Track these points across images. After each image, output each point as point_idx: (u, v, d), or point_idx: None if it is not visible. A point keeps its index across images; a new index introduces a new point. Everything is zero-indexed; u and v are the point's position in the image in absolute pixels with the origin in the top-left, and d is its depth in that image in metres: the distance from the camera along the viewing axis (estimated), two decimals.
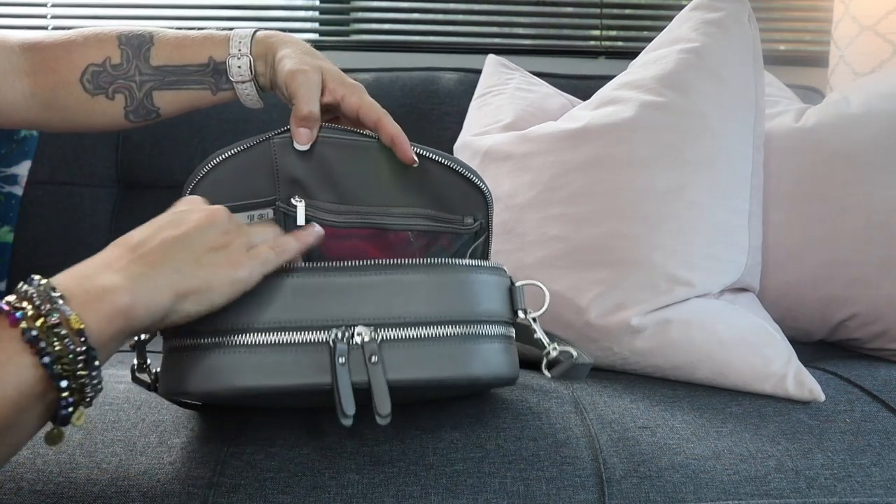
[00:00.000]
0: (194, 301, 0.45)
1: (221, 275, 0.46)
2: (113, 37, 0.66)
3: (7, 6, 1.48)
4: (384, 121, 0.59)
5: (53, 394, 0.40)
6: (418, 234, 0.62)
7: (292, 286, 0.49)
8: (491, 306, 0.53)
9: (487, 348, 0.51)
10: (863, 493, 0.56)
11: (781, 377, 0.67)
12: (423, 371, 0.49)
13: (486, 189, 0.60)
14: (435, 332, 0.50)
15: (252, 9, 1.54)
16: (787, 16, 1.60)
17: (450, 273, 0.51)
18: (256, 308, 0.49)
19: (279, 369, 0.48)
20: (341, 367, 0.47)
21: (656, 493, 0.55)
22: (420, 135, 1.16)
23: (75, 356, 0.39)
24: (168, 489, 0.53)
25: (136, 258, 0.44)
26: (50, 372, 0.39)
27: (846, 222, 0.81)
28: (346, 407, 0.47)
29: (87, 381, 0.40)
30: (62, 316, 0.39)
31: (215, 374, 0.48)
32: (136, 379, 0.55)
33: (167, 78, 0.66)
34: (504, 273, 0.56)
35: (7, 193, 1.08)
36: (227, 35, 0.66)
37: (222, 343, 0.49)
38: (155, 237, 0.46)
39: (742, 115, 0.79)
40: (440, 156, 0.60)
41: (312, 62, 0.62)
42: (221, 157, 0.60)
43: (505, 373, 0.52)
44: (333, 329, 0.49)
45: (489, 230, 0.62)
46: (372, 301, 0.49)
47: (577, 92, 1.12)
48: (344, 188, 0.61)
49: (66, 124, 0.68)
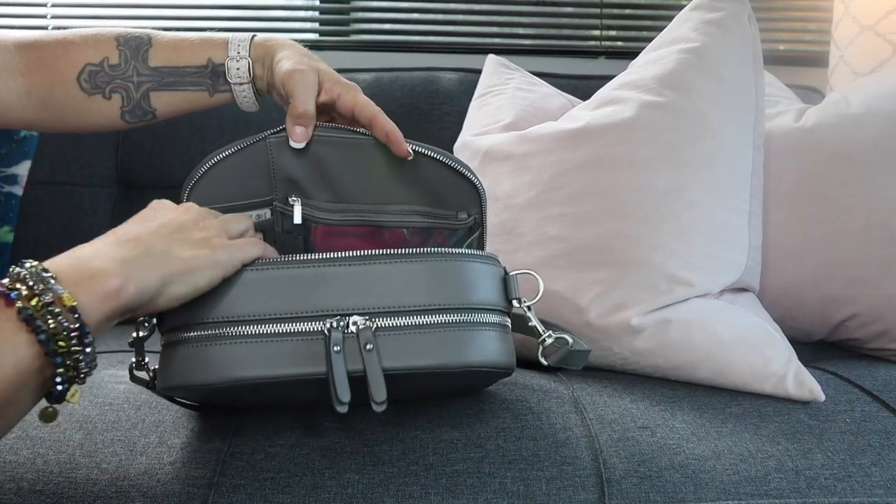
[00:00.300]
0: (180, 282, 0.48)
1: (203, 257, 0.49)
2: (111, 37, 0.66)
3: (7, 6, 1.48)
4: (378, 118, 0.60)
5: (49, 370, 0.41)
6: (413, 232, 0.62)
7: (287, 276, 0.50)
8: (485, 295, 0.53)
9: (483, 335, 0.52)
10: (863, 493, 0.56)
11: (781, 377, 0.67)
12: (418, 358, 0.49)
13: (478, 183, 0.61)
14: (430, 319, 0.50)
15: (252, 9, 1.54)
16: (787, 16, 1.60)
17: (443, 261, 0.52)
18: (251, 298, 0.50)
19: (276, 359, 0.49)
20: (336, 355, 0.48)
21: (656, 493, 0.55)
22: (420, 135, 1.16)
23: (69, 333, 0.41)
24: (168, 489, 0.53)
25: (124, 243, 0.47)
26: (46, 349, 0.40)
27: (846, 222, 0.81)
28: (340, 394, 0.47)
29: (81, 356, 0.42)
30: (55, 295, 0.41)
31: (212, 366, 0.49)
32: (135, 377, 0.55)
33: (165, 79, 0.67)
34: (498, 262, 0.56)
35: (7, 193, 1.08)
36: (226, 38, 0.67)
37: (218, 335, 0.49)
38: (139, 227, 0.49)
39: (742, 115, 0.79)
40: (433, 151, 0.60)
41: (309, 63, 0.63)
42: (217, 158, 0.60)
43: (500, 360, 0.53)
44: (328, 318, 0.49)
45: (483, 225, 0.63)
46: (366, 290, 0.50)
47: (577, 92, 1.12)
48: (339, 187, 0.61)
49: (62, 124, 0.68)
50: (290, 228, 0.62)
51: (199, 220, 0.51)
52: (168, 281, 0.47)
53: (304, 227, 0.62)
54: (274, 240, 0.63)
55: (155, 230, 0.49)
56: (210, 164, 0.60)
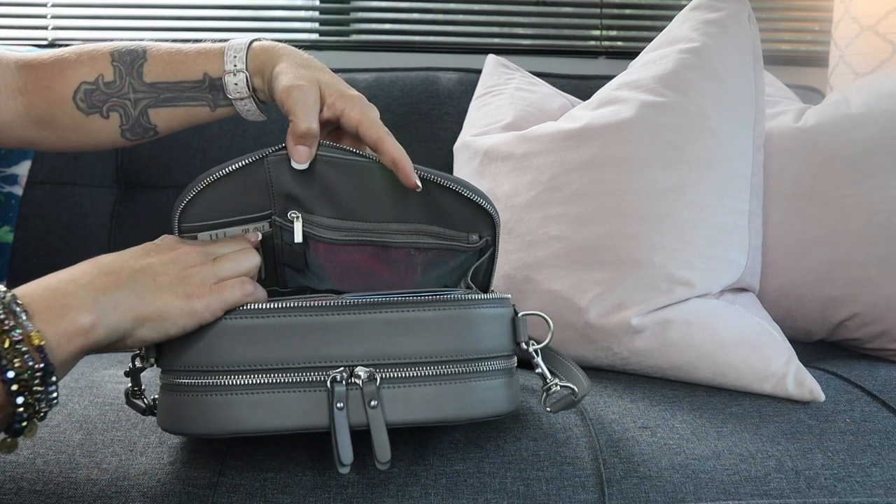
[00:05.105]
0: (149, 328, 0.47)
1: (177, 306, 0.48)
2: (106, 53, 0.64)
3: (7, 17, 1.48)
4: (385, 142, 0.56)
5: (10, 408, 0.41)
6: (420, 251, 0.60)
7: (289, 324, 0.49)
8: (493, 342, 0.52)
9: (489, 385, 0.51)
10: (863, 493, 0.56)
11: (781, 377, 0.67)
12: (423, 412, 0.49)
13: (493, 211, 0.58)
14: (435, 371, 0.49)
15: (252, 9, 1.54)
16: (787, 16, 1.60)
17: (451, 309, 0.50)
18: (252, 345, 0.48)
19: (278, 411, 0.48)
20: (339, 412, 0.47)
21: (656, 493, 0.55)
22: (420, 135, 1.16)
23: (33, 373, 0.40)
24: (168, 489, 0.53)
25: (102, 276, 0.46)
26: (7, 388, 0.40)
27: (846, 222, 0.81)
28: (343, 456, 0.46)
29: (42, 396, 0.42)
30: (24, 332, 0.40)
31: (213, 417, 0.48)
32: (131, 403, 0.55)
33: (162, 95, 0.64)
34: (508, 303, 0.54)
35: (7, 193, 1.08)
36: (222, 48, 0.63)
37: (219, 384, 0.48)
38: (123, 262, 0.48)
39: (742, 115, 0.79)
40: (445, 178, 0.57)
41: (310, 76, 0.59)
42: (212, 178, 0.56)
43: (505, 409, 0.52)
44: (331, 370, 0.48)
45: (495, 247, 0.60)
46: (370, 340, 0.49)
47: (577, 92, 1.12)
48: (343, 203, 0.59)
49: (63, 143, 0.67)
50: (289, 242, 0.60)
51: (189, 265, 0.50)
52: (138, 324, 0.47)
53: (304, 242, 0.60)
54: (273, 250, 0.61)
55: (139, 269, 0.48)
56: (204, 185, 0.56)
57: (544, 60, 1.52)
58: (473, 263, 0.61)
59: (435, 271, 0.61)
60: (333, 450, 0.47)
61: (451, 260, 0.61)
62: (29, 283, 0.44)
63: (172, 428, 0.51)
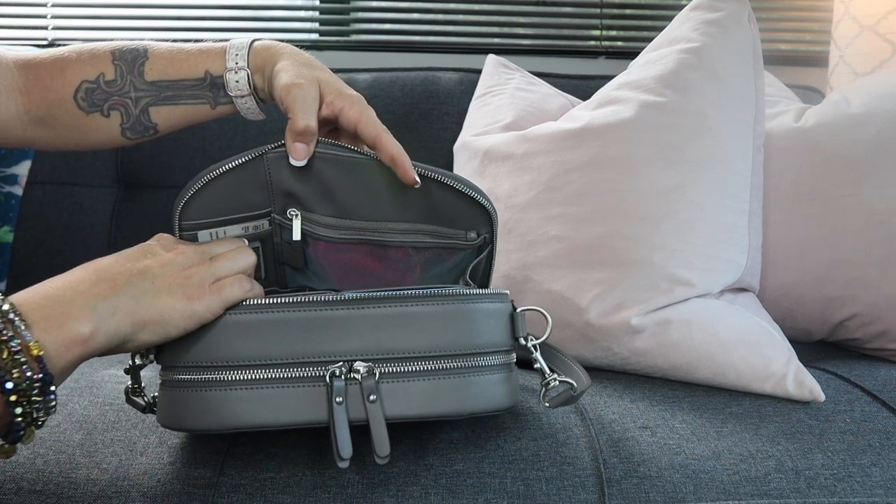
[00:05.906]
0: (150, 332, 0.47)
1: (177, 308, 0.48)
2: (107, 52, 0.64)
3: (7, 17, 1.48)
4: (383, 139, 0.57)
5: (7, 417, 0.41)
6: (418, 249, 0.61)
7: (288, 320, 0.49)
8: (492, 336, 0.52)
9: (488, 380, 0.51)
10: (863, 493, 0.56)
11: (781, 377, 0.67)
12: (421, 407, 0.49)
13: (491, 208, 0.59)
14: (434, 365, 0.49)
15: (252, 9, 1.54)
16: (787, 16, 1.60)
17: (450, 304, 0.50)
18: (252, 341, 0.49)
19: (277, 406, 0.48)
20: (338, 407, 0.47)
21: (656, 493, 0.55)
22: (420, 135, 1.16)
23: (32, 383, 0.40)
24: (168, 489, 0.53)
25: (100, 282, 0.46)
26: (6, 398, 0.40)
27: (846, 222, 0.81)
28: (342, 450, 0.47)
29: (40, 405, 0.41)
30: (23, 343, 0.40)
31: (213, 413, 0.48)
32: (131, 401, 0.55)
33: (163, 93, 0.64)
34: (506, 298, 0.55)
35: (7, 193, 1.08)
36: (223, 47, 0.64)
37: (219, 380, 0.48)
38: (121, 266, 0.48)
39: (742, 115, 0.79)
40: (443, 175, 0.57)
41: (309, 74, 0.59)
42: (211, 175, 0.57)
43: (504, 404, 0.52)
44: (330, 365, 0.48)
45: (493, 244, 0.61)
46: (369, 335, 0.49)
47: (577, 92, 1.12)
48: (342, 202, 0.59)
49: (64, 142, 0.67)
50: (288, 240, 0.60)
51: (186, 266, 0.50)
52: (138, 329, 0.46)
53: (303, 240, 0.60)
54: (273, 249, 0.61)
55: (137, 272, 0.48)
56: (203, 183, 0.57)
57: (544, 60, 1.52)
58: (472, 261, 0.61)
59: (434, 270, 0.61)
60: (332, 444, 0.47)
61: (449, 258, 0.61)
62: (26, 290, 0.43)
63: (172, 424, 0.50)
